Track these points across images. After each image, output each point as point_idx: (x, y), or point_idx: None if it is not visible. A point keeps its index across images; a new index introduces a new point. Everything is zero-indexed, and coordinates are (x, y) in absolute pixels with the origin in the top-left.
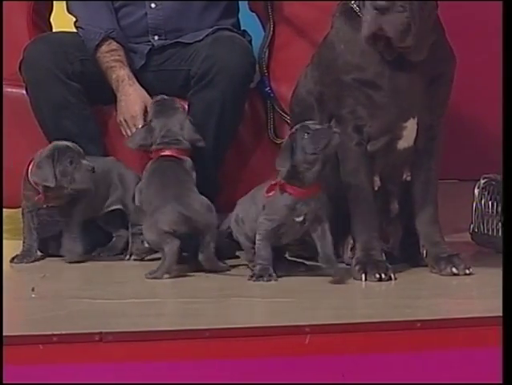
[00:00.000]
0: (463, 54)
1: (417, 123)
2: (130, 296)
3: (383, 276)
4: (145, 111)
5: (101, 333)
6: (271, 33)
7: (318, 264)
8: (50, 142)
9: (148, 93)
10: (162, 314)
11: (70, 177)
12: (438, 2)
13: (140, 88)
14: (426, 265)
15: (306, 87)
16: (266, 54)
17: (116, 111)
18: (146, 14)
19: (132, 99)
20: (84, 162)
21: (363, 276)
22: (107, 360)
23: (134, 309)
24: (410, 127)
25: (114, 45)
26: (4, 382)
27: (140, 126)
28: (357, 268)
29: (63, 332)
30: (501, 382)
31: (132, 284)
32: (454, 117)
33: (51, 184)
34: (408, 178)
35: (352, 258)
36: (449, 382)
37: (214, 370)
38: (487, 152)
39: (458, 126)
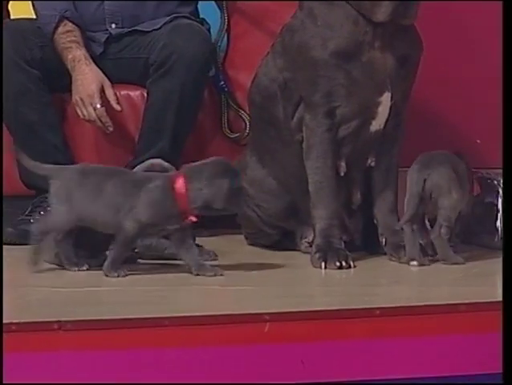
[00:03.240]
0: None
1: (391, 99)
2: (89, 284)
3: (343, 264)
4: (102, 91)
5: (60, 321)
6: (225, 26)
7: None
8: (9, 130)
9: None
10: (121, 302)
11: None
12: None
13: (97, 68)
14: (385, 253)
15: (268, 76)
16: (221, 47)
17: (71, 91)
18: (102, 2)
19: (89, 77)
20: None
21: (323, 264)
22: (67, 349)
23: (93, 297)
24: (384, 103)
25: (69, 26)
26: None
27: (97, 105)
28: (317, 255)
29: (22, 321)
30: (464, 368)
31: (91, 272)
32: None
33: (219, 205)
34: (373, 163)
35: (310, 246)
36: (406, 369)
37: (173, 358)
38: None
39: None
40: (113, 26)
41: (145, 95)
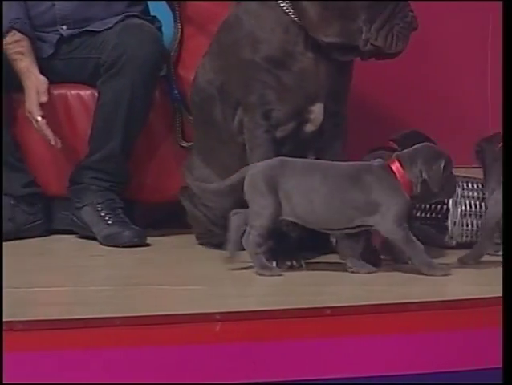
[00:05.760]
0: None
1: (324, 109)
2: (39, 284)
3: (294, 263)
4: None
5: (11, 322)
6: (178, 26)
7: None
8: None
9: (58, 81)
10: (72, 303)
11: (447, 188)
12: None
13: (37, 77)
14: (336, 253)
15: (206, 77)
16: (174, 46)
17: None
18: (54, 4)
19: (28, 93)
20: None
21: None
22: (18, 349)
23: (44, 297)
24: (317, 111)
25: (17, 36)
26: None
27: (39, 118)
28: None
29: None
30: (416, 368)
31: (41, 272)
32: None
33: (436, 190)
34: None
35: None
36: (359, 368)
37: (124, 358)
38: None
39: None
40: (64, 27)
41: (96, 95)
